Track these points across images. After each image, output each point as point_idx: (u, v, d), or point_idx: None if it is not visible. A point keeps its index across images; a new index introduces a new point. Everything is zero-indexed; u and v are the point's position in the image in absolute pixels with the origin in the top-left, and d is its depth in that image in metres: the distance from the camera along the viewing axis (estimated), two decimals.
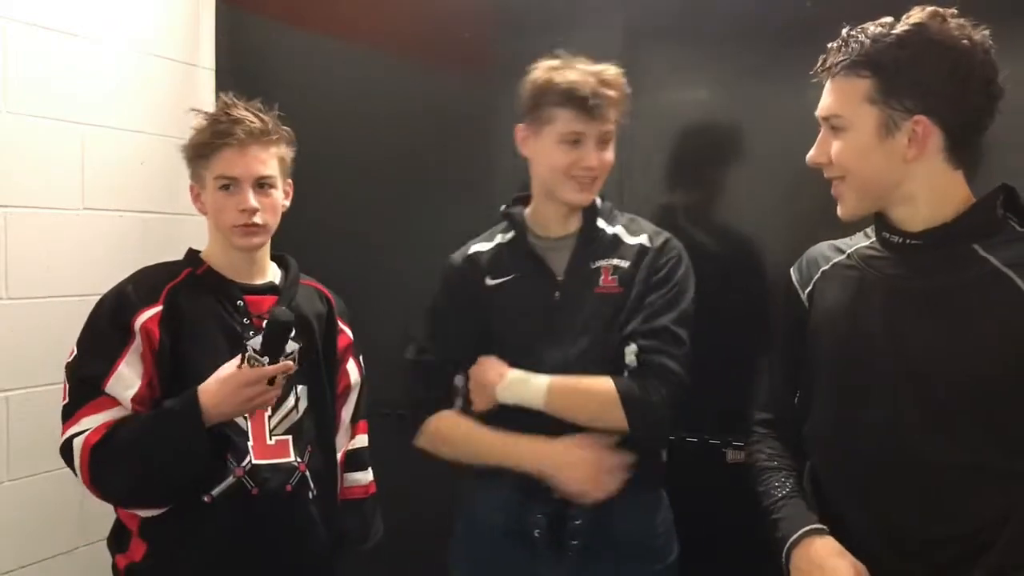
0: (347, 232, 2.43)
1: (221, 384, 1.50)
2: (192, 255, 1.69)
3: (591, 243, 1.71)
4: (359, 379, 1.81)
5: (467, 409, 1.72)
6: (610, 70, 1.66)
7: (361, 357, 1.84)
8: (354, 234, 2.42)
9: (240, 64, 2.56)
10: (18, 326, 2.06)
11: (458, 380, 1.74)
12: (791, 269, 1.52)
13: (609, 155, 1.69)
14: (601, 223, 1.73)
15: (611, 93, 1.64)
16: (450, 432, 1.72)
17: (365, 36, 2.44)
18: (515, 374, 1.65)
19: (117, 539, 1.64)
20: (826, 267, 1.45)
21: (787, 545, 1.35)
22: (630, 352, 1.62)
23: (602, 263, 1.69)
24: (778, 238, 2.03)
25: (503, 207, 1.80)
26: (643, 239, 1.71)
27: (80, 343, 1.59)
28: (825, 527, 1.35)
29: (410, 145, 2.37)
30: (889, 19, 1.30)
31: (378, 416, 2.23)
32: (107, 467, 1.51)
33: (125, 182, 2.30)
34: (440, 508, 2.28)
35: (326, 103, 2.46)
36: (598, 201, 1.75)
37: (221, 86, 2.55)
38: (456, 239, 2.35)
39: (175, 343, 1.56)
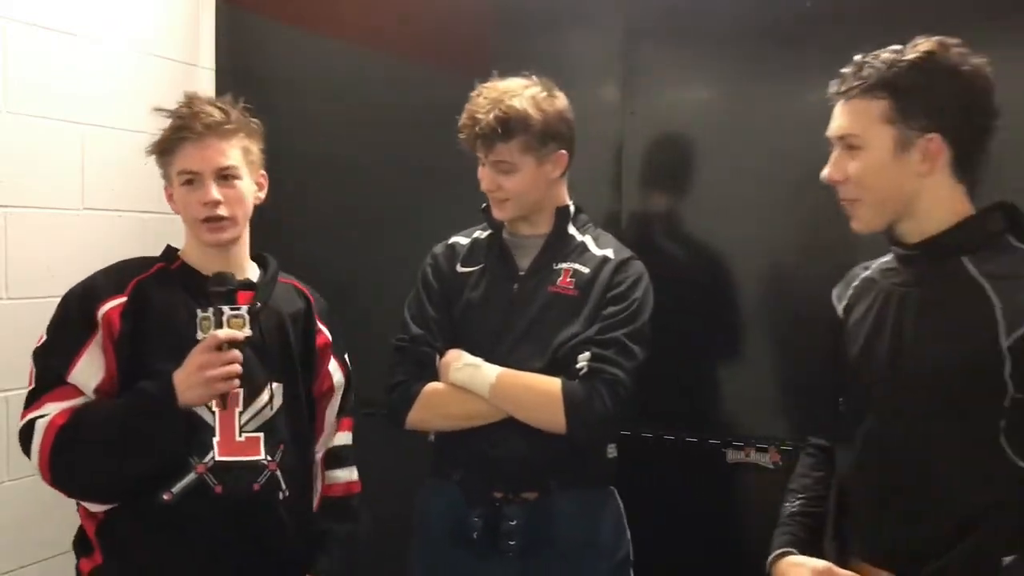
0: (345, 232, 2.43)
1: (185, 363, 1.50)
2: (169, 251, 1.68)
3: (558, 245, 1.77)
4: (343, 379, 1.78)
5: None
6: (505, 103, 1.67)
7: (347, 356, 1.81)
8: (352, 234, 2.42)
9: (240, 64, 2.56)
10: (18, 326, 2.05)
11: (437, 359, 1.77)
12: (833, 290, 1.58)
13: (510, 180, 1.70)
14: (572, 229, 1.79)
15: (491, 128, 1.65)
16: (443, 394, 1.72)
17: (365, 36, 2.44)
18: (468, 359, 1.70)
19: (81, 542, 1.61)
20: (856, 283, 1.54)
21: (767, 564, 1.50)
22: (583, 359, 1.67)
23: (564, 265, 1.75)
24: (779, 238, 2.03)
25: (483, 205, 1.83)
26: (608, 252, 1.77)
27: (49, 330, 1.58)
28: (792, 549, 1.47)
29: (410, 145, 2.37)
30: (898, 46, 1.38)
31: (379, 417, 2.23)
32: (71, 449, 1.49)
33: (125, 182, 2.30)
34: None
35: (326, 103, 2.46)
36: (571, 208, 1.80)
37: (221, 86, 2.55)
38: None
39: (137, 335, 1.54)
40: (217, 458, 1.54)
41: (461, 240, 1.86)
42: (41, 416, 1.51)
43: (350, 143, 2.43)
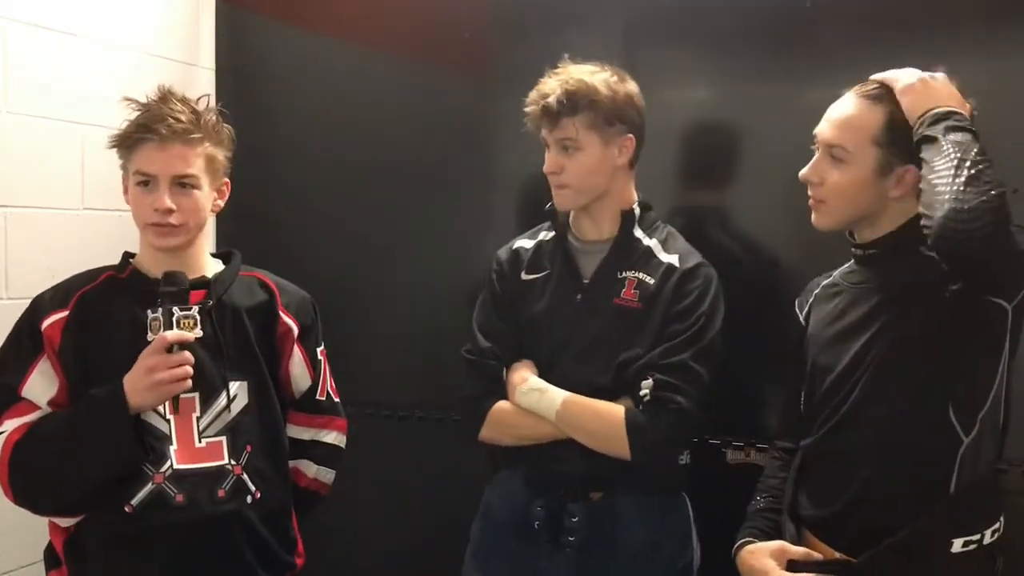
0: (346, 233, 2.43)
1: (135, 366, 1.47)
2: (124, 258, 1.65)
3: (623, 251, 1.72)
4: (306, 371, 1.73)
5: None
6: (574, 78, 1.64)
7: (320, 350, 1.76)
8: (353, 235, 2.42)
9: (240, 64, 2.56)
10: None
11: (504, 373, 1.76)
12: (795, 301, 1.66)
13: (573, 161, 1.66)
14: (638, 232, 1.74)
15: (558, 101, 1.62)
16: (511, 416, 1.71)
17: (365, 36, 2.44)
18: (535, 382, 1.68)
19: (49, 555, 1.60)
20: (817, 290, 1.63)
21: (732, 554, 1.59)
22: (646, 386, 1.63)
23: (629, 274, 1.70)
24: (778, 239, 2.03)
25: (548, 204, 1.78)
26: (674, 259, 1.71)
27: (1, 349, 1.58)
28: (752, 540, 1.56)
29: (409, 145, 2.37)
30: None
31: (380, 417, 2.23)
32: (27, 463, 1.48)
33: None
34: (441, 509, 2.28)
35: (326, 103, 2.46)
36: (637, 210, 1.75)
37: (221, 86, 2.56)
38: (455, 240, 2.36)
39: (81, 348, 1.53)
40: (175, 466, 1.51)
41: (526, 244, 1.82)
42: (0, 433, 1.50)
43: (350, 143, 2.43)
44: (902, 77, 1.42)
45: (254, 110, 2.49)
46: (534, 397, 1.67)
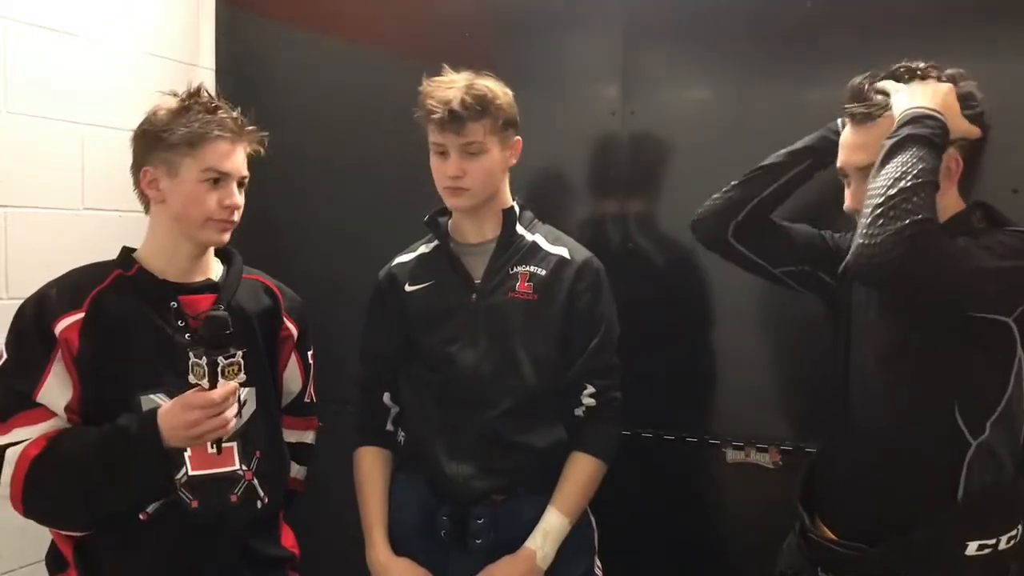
0: (345, 233, 2.43)
1: (173, 406, 1.43)
2: (125, 255, 1.60)
3: (509, 248, 1.75)
4: (298, 375, 1.74)
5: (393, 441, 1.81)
6: (475, 83, 1.68)
7: (310, 353, 1.78)
8: (352, 235, 2.42)
9: (240, 64, 2.56)
10: None
11: (386, 398, 1.80)
12: None
13: (476, 165, 1.68)
14: (520, 229, 1.77)
15: (464, 107, 1.65)
16: (356, 474, 1.80)
17: (365, 36, 2.44)
18: (535, 539, 1.66)
19: (55, 559, 1.57)
20: None
21: None
22: (587, 395, 1.71)
23: (520, 269, 1.73)
24: None
25: (427, 217, 1.83)
26: (563, 251, 1.75)
27: (7, 348, 1.50)
28: None
29: (409, 145, 2.36)
30: (900, 69, 1.45)
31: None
32: (47, 482, 1.44)
33: (125, 182, 2.29)
34: None
35: (326, 103, 2.46)
36: (517, 208, 1.78)
37: (221, 86, 2.55)
38: None
39: (98, 351, 1.47)
40: (191, 473, 1.50)
41: (404, 259, 1.84)
42: (11, 444, 1.44)
43: (350, 143, 2.43)
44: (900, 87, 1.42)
45: (254, 110, 2.49)
46: (551, 541, 1.66)
